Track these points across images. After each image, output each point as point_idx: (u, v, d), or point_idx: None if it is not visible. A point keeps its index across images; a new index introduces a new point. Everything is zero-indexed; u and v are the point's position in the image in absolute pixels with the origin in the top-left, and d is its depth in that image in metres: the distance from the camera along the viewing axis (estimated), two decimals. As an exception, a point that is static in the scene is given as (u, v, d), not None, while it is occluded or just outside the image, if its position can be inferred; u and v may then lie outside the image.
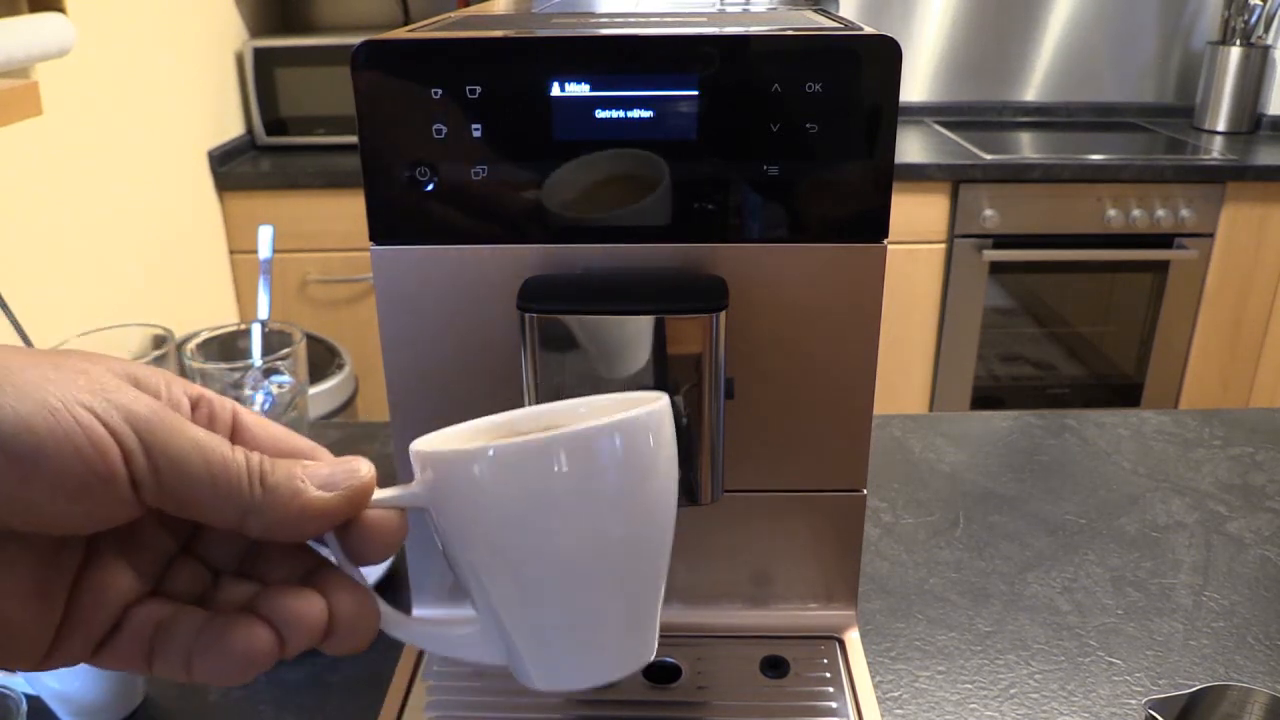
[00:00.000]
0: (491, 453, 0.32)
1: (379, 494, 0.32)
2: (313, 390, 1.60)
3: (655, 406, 0.34)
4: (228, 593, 0.32)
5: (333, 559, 0.33)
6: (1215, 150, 2.20)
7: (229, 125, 2.11)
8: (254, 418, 0.33)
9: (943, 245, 2.09)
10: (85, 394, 0.27)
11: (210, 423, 0.32)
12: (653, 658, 0.36)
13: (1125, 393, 2.26)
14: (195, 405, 0.32)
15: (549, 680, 0.35)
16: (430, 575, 0.63)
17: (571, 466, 0.32)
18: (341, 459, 0.32)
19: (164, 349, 0.78)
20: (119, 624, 0.30)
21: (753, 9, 0.79)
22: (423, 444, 0.34)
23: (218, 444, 0.29)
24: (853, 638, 0.62)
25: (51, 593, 0.29)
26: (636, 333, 0.50)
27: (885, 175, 0.52)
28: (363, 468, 0.32)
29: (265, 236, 0.87)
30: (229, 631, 0.30)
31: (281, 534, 0.30)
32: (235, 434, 0.32)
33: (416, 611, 0.64)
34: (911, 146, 2.19)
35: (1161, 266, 2.12)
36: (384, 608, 0.34)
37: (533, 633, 0.34)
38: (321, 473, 0.31)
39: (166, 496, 0.28)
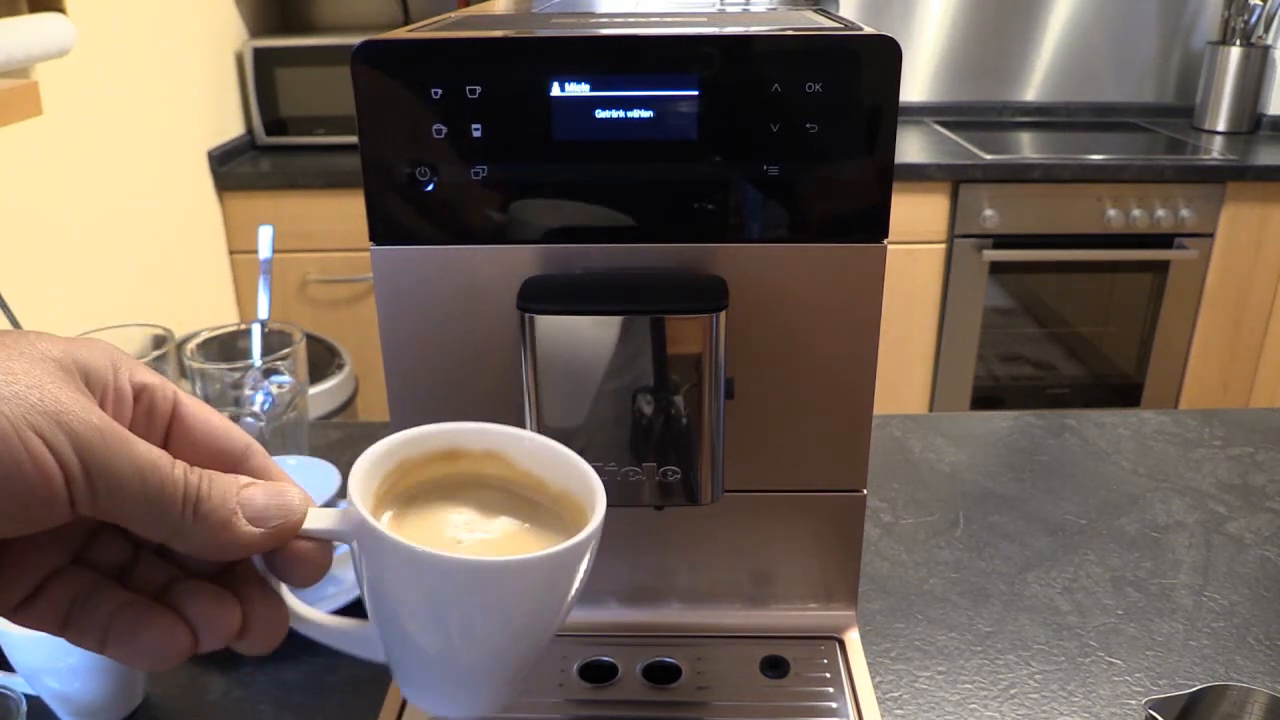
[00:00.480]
0: (403, 547, 0.33)
1: (308, 523, 0.33)
2: (313, 390, 1.60)
3: (569, 546, 0.34)
4: (147, 570, 0.33)
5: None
6: (1215, 150, 2.20)
7: (229, 125, 2.11)
8: (195, 408, 0.34)
9: (943, 245, 2.09)
10: (36, 414, 0.27)
11: (149, 415, 0.32)
12: (502, 706, 0.38)
13: (1125, 393, 2.26)
14: (138, 396, 0.32)
15: (410, 696, 0.38)
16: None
17: (469, 587, 0.33)
18: (278, 489, 0.33)
19: (164, 349, 0.78)
20: (38, 591, 0.31)
21: (753, 9, 0.79)
22: (357, 483, 0.35)
23: (157, 465, 0.30)
24: (853, 638, 0.62)
25: None
26: (637, 333, 0.50)
27: (885, 175, 0.52)
28: (295, 502, 0.33)
29: (265, 236, 0.87)
30: (146, 622, 0.31)
31: (207, 556, 0.31)
32: (173, 425, 0.33)
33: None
34: (911, 146, 2.19)
35: (1161, 266, 2.12)
36: (293, 605, 0.35)
37: (403, 660, 0.37)
38: (256, 503, 0.32)
39: (101, 511, 0.29)
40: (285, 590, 0.35)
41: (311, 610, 0.36)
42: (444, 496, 0.38)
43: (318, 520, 0.34)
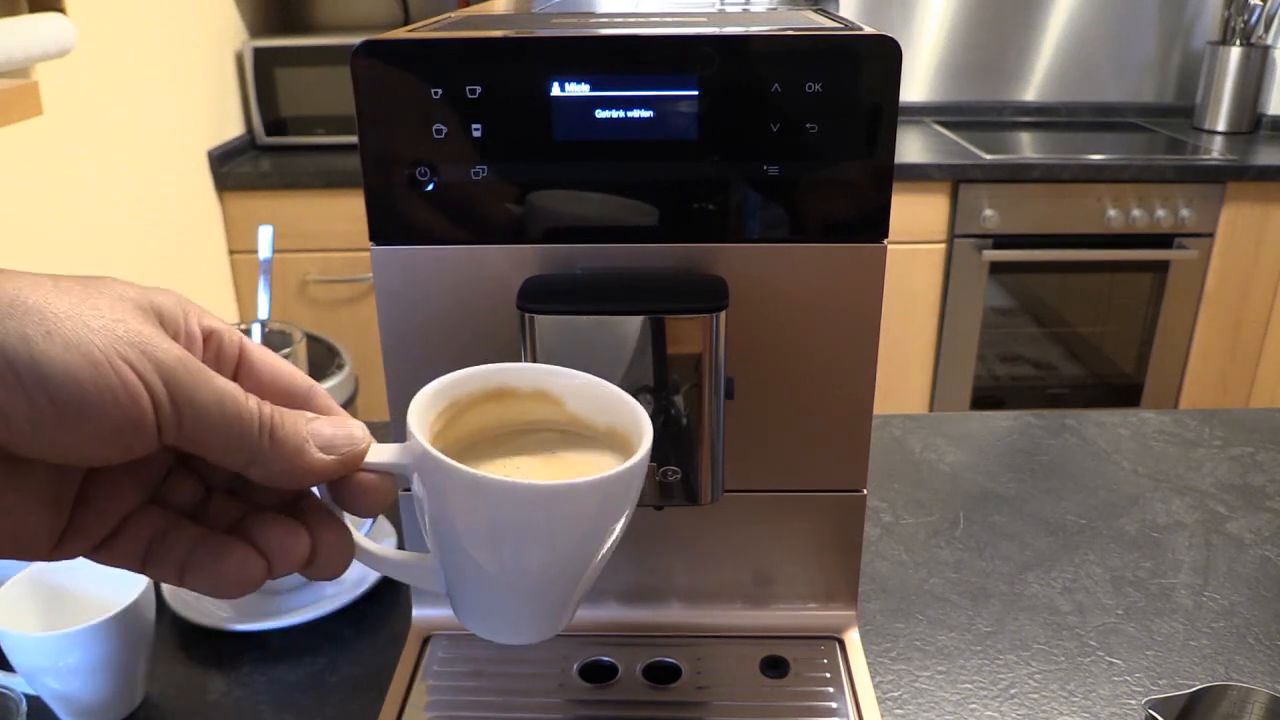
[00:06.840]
0: (464, 474, 0.34)
1: (370, 457, 0.35)
2: (313, 390, 1.60)
3: (619, 471, 0.35)
4: (219, 509, 0.35)
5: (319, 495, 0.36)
6: (1215, 150, 2.20)
7: (229, 125, 2.11)
8: (261, 352, 0.36)
9: (943, 245, 2.09)
10: (124, 345, 0.29)
11: (218, 357, 0.34)
12: (556, 633, 0.40)
13: (1125, 393, 2.26)
14: (206, 339, 0.34)
15: (467, 622, 0.40)
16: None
17: (526, 511, 0.35)
18: (342, 421, 0.35)
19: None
20: (118, 529, 0.33)
21: (753, 9, 0.79)
22: (415, 417, 0.36)
23: (236, 395, 0.31)
24: (853, 638, 0.62)
25: (61, 504, 0.32)
26: (637, 333, 0.50)
27: (885, 175, 0.52)
28: (359, 433, 0.35)
29: (265, 236, 0.87)
30: (223, 553, 0.33)
31: (279, 483, 0.33)
32: (240, 368, 0.35)
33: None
34: (911, 146, 2.19)
35: (1161, 266, 2.12)
36: (357, 537, 0.37)
37: (461, 589, 0.39)
38: (324, 433, 0.34)
39: (184, 439, 0.31)
40: (350, 523, 0.36)
41: (373, 543, 0.38)
42: (498, 443, 0.40)
43: (381, 454, 0.35)
